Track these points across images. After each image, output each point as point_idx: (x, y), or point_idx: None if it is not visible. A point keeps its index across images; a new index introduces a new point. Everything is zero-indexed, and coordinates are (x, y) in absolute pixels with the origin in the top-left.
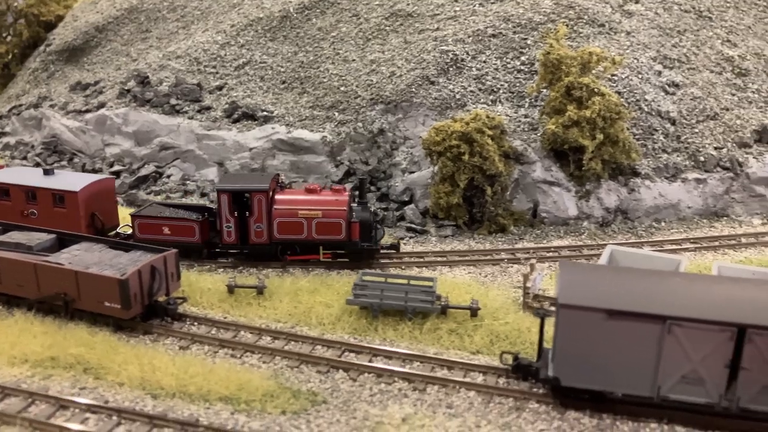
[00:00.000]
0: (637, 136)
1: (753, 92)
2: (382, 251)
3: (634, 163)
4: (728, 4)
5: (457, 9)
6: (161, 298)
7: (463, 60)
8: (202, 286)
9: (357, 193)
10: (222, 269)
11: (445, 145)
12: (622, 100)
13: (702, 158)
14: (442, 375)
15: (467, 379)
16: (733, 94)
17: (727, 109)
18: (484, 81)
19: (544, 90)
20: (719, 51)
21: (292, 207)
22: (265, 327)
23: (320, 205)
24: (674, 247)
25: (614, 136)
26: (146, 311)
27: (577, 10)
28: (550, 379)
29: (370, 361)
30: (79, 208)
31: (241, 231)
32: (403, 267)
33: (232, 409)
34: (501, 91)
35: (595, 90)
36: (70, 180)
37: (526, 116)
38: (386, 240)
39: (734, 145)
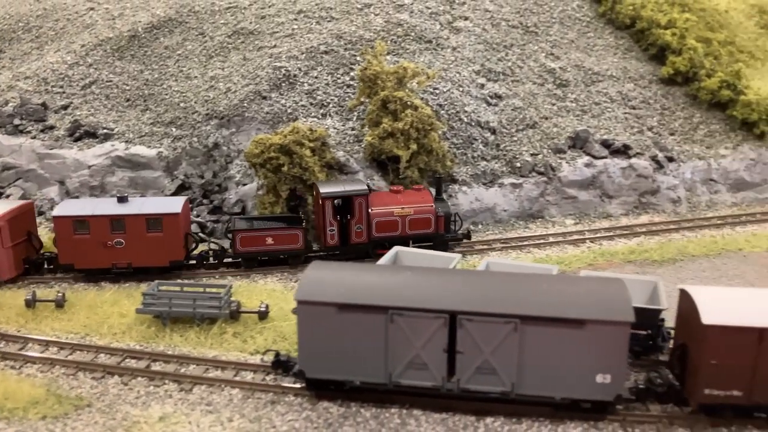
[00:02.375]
0: (457, 146)
1: (571, 102)
2: (459, 241)
3: (450, 170)
4: (554, 20)
5: (295, 27)
6: None
7: (295, 76)
8: (10, 302)
9: (435, 189)
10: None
11: (265, 157)
12: (443, 111)
13: (518, 164)
14: (214, 375)
15: (237, 378)
16: (553, 104)
17: (547, 118)
18: (315, 96)
19: (365, 104)
20: (543, 64)
21: (388, 207)
22: (55, 339)
23: (411, 203)
24: (484, 247)
25: (428, 146)
26: None
27: (405, 28)
28: (297, 372)
29: (147, 366)
30: (180, 230)
31: (342, 233)
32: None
33: None
34: (331, 105)
35: (408, 103)
36: (151, 205)
37: (353, 129)
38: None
39: (550, 151)
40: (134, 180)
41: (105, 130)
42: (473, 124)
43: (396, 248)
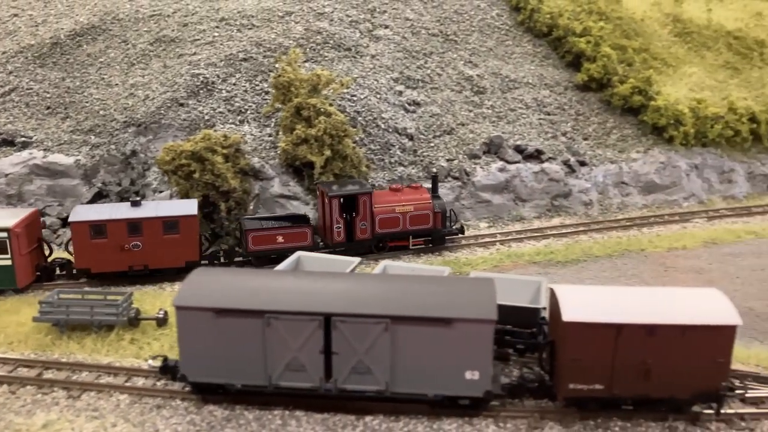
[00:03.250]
0: (374, 151)
1: (488, 108)
2: (454, 235)
3: (366, 175)
4: (473, 28)
5: (216, 35)
6: None
7: (213, 83)
8: None
9: (431, 187)
10: None
11: (176, 164)
12: (360, 118)
13: (435, 170)
14: (105, 381)
15: (128, 384)
16: (470, 111)
17: (463, 124)
18: (233, 102)
19: (280, 110)
20: (461, 71)
21: (390, 205)
22: None
23: (411, 201)
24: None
25: (343, 151)
26: None
27: (324, 35)
28: (180, 377)
29: (38, 374)
30: (196, 232)
31: (348, 230)
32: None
33: None
34: (248, 112)
35: (322, 110)
36: (166, 208)
37: (270, 135)
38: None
39: (465, 156)
40: (52, 188)
41: (23, 138)
42: (391, 130)
43: (298, 253)
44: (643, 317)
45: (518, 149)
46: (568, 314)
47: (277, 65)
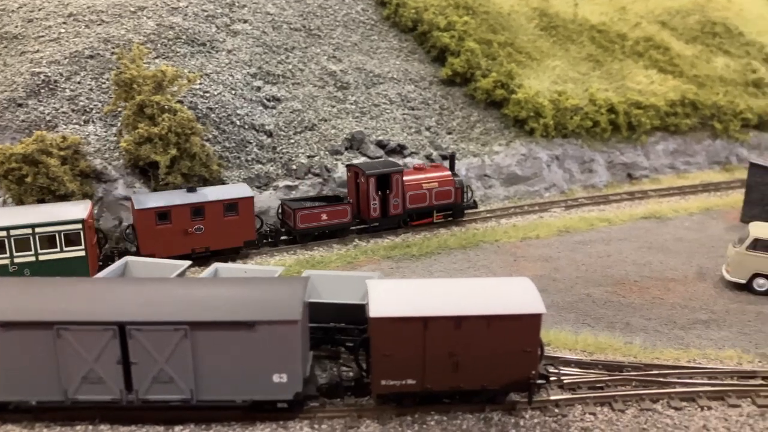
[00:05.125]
0: (229, 149)
1: (351, 104)
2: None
3: (219, 175)
4: (338, 23)
5: (63, 31)
6: None
7: (56, 81)
8: None
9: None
10: None
11: (6, 168)
12: (213, 115)
13: (294, 167)
14: None
15: None
16: (333, 106)
17: (326, 120)
18: (77, 102)
19: (123, 108)
20: (324, 66)
21: (418, 182)
22: None
23: (436, 178)
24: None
25: (190, 150)
26: None
27: (176, 31)
28: None
29: None
30: (253, 213)
31: (382, 206)
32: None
33: None
34: (94, 111)
35: (166, 107)
36: (224, 191)
37: (115, 135)
38: None
39: (327, 152)
40: None
41: None
42: (247, 127)
43: (126, 258)
44: (449, 310)
45: (380, 144)
46: (375, 310)
47: (119, 62)
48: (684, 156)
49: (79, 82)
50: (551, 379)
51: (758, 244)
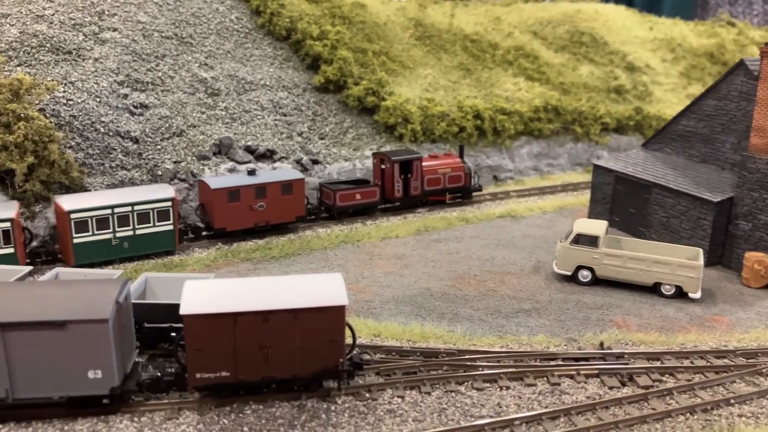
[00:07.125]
0: (93, 156)
1: (221, 110)
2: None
3: (81, 182)
4: (211, 31)
5: None
6: None
7: None
8: None
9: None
10: None
11: None
12: (77, 122)
13: (160, 172)
14: None
15: None
16: (203, 113)
17: (195, 126)
18: None
19: None
20: (195, 74)
21: (434, 167)
22: None
23: (449, 164)
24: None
25: (48, 157)
26: None
27: (40, 39)
28: None
29: None
30: (303, 192)
31: (404, 188)
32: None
33: None
34: None
35: (22, 115)
36: (280, 174)
37: None
38: None
39: (194, 158)
40: None
41: None
42: (111, 133)
43: None
44: (258, 305)
45: (249, 149)
46: (186, 307)
47: None
48: (547, 158)
49: None
50: (364, 366)
51: (581, 239)
